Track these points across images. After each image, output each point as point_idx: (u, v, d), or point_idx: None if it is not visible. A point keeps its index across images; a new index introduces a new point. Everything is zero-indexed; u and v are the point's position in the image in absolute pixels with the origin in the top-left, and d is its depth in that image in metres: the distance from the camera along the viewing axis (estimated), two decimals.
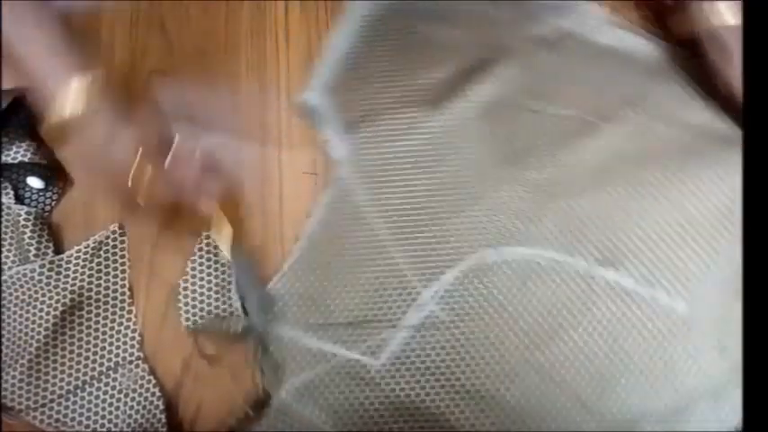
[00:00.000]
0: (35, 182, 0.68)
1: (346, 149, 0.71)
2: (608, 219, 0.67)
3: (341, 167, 0.70)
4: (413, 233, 0.68)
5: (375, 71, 0.74)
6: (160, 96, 0.66)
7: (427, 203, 0.69)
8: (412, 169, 0.70)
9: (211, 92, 0.69)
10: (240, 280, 0.65)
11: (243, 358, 0.64)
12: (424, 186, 0.69)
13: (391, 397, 0.63)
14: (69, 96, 0.58)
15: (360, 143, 0.71)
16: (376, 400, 0.63)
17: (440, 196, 0.69)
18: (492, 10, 0.76)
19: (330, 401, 0.63)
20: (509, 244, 0.67)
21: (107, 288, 0.66)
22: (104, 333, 0.65)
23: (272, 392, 0.63)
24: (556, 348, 0.64)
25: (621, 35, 0.75)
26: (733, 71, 0.68)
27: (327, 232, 0.68)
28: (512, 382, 0.63)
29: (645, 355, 0.63)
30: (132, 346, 0.64)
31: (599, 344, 0.64)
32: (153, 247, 0.67)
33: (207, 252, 0.66)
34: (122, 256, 0.67)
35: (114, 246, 0.67)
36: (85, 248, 0.66)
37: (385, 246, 0.67)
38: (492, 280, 0.66)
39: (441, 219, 0.68)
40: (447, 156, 0.70)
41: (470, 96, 0.72)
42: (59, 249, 0.67)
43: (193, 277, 0.66)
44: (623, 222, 0.67)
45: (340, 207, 0.69)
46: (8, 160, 0.67)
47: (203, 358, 0.64)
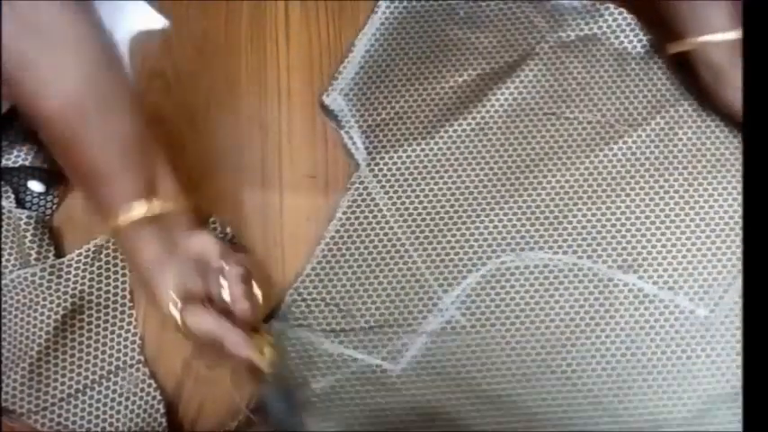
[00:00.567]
0: (36, 185, 0.68)
1: (367, 152, 0.71)
2: (629, 224, 0.67)
3: (361, 170, 0.70)
4: (435, 237, 0.68)
5: (398, 73, 0.74)
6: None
7: (449, 207, 0.69)
8: (433, 173, 0.70)
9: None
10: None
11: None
12: (446, 190, 0.69)
13: (412, 402, 0.64)
14: (126, 216, 0.56)
15: (381, 146, 0.71)
16: (397, 406, 0.64)
17: (461, 200, 0.69)
18: (518, 13, 0.76)
19: (351, 407, 0.64)
20: (530, 248, 0.67)
21: (107, 292, 0.66)
22: (105, 337, 0.65)
23: (287, 396, 0.64)
24: (576, 352, 0.64)
25: (648, 40, 0.74)
26: (727, 92, 0.67)
27: (348, 236, 0.68)
28: (532, 386, 0.63)
29: (665, 359, 0.64)
30: (133, 350, 0.64)
31: (619, 347, 0.64)
32: None
33: None
34: (123, 260, 0.66)
35: (115, 249, 0.67)
36: (86, 252, 0.66)
37: (407, 250, 0.68)
38: (513, 284, 0.66)
39: (463, 223, 0.68)
40: (469, 159, 0.70)
41: (494, 100, 0.72)
42: (60, 253, 0.67)
43: None
44: (644, 227, 0.67)
45: (360, 210, 0.69)
46: (9, 164, 0.67)
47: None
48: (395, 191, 0.70)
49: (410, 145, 0.71)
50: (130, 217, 0.55)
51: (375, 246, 0.68)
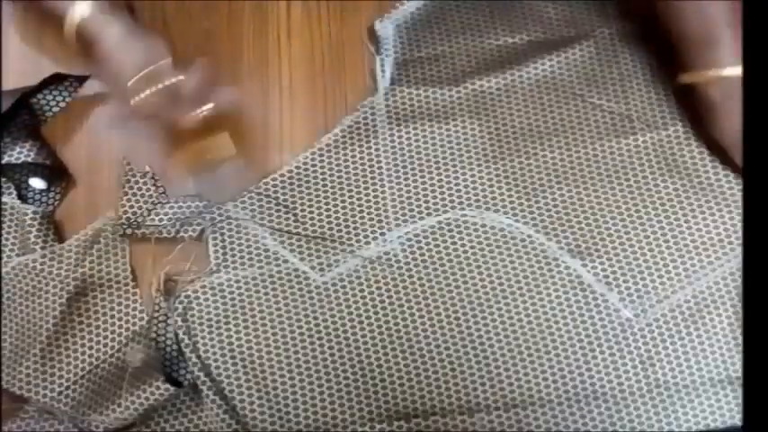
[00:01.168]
0: (37, 182, 0.69)
1: (390, 83, 0.73)
2: (597, 214, 0.68)
3: (377, 97, 0.72)
4: (412, 176, 0.70)
5: (455, 19, 0.76)
6: None
7: (438, 152, 0.71)
8: (441, 118, 0.72)
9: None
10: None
11: None
12: (444, 137, 0.71)
13: (320, 318, 0.66)
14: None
15: (405, 81, 0.73)
16: (307, 313, 0.66)
17: (453, 149, 0.71)
18: None
19: (261, 301, 0.66)
20: (495, 210, 0.69)
21: (109, 273, 0.67)
22: (113, 317, 0.65)
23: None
24: (491, 319, 0.66)
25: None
26: (720, 127, 0.67)
27: (335, 152, 0.71)
28: (436, 338, 0.66)
29: (568, 345, 0.66)
30: (141, 326, 0.65)
31: (533, 326, 0.66)
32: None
33: None
34: (122, 241, 0.67)
35: (114, 232, 0.67)
36: (84, 236, 0.67)
37: (381, 180, 0.70)
38: (462, 238, 0.68)
39: (445, 170, 0.70)
40: (480, 115, 0.72)
41: (531, 68, 0.73)
42: None
43: None
44: (609, 221, 0.68)
45: (357, 133, 0.71)
46: (11, 161, 0.68)
47: None
48: (397, 124, 0.71)
49: (432, 87, 0.73)
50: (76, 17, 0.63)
51: (354, 169, 0.70)
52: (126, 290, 0.66)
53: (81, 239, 0.66)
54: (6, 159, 0.68)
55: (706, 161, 0.70)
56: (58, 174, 0.70)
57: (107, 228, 0.67)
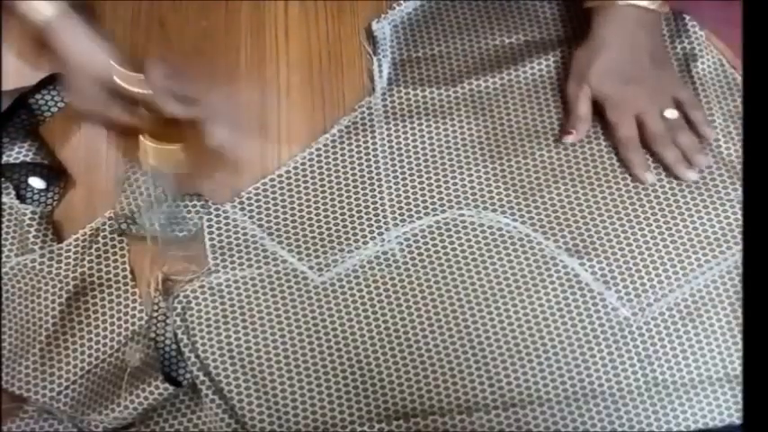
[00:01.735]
0: (36, 182, 0.69)
1: (388, 83, 0.73)
2: (595, 213, 0.69)
3: (374, 97, 0.73)
4: (410, 176, 0.70)
5: (452, 19, 0.77)
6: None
7: (436, 153, 0.71)
8: (439, 118, 0.72)
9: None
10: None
11: None
12: (442, 137, 0.72)
13: (318, 317, 0.66)
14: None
15: (403, 81, 0.74)
16: (306, 312, 0.66)
17: (451, 149, 0.71)
18: None
19: (260, 301, 0.66)
20: (493, 210, 0.69)
21: (108, 272, 0.67)
22: (111, 316, 0.66)
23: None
24: (490, 315, 0.66)
25: (708, 56, 0.74)
26: (578, 50, 0.71)
27: (332, 152, 0.71)
28: (434, 338, 0.66)
29: (567, 344, 0.66)
30: (140, 326, 0.65)
31: (532, 322, 0.66)
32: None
33: None
34: (121, 241, 0.67)
35: (112, 231, 0.67)
36: (83, 236, 0.67)
37: (379, 179, 0.70)
38: (460, 237, 0.68)
39: (443, 170, 0.71)
40: (477, 114, 0.72)
41: (528, 67, 0.74)
42: None
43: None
44: (606, 220, 0.69)
45: (355, 133, 0.72)
46: (9, 160, 0.68)
47: None
48: (395, 124, 0.72)
49: (429, 87, 0.73)
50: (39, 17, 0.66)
51: (352, 169, 0.70)
52: (125, 290, 0.66)
53: (80, 239, 0.67)
54: (5, 159, 0.68)
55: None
56: (57, 174, 0.70)
57: (106, 228, 0.67)
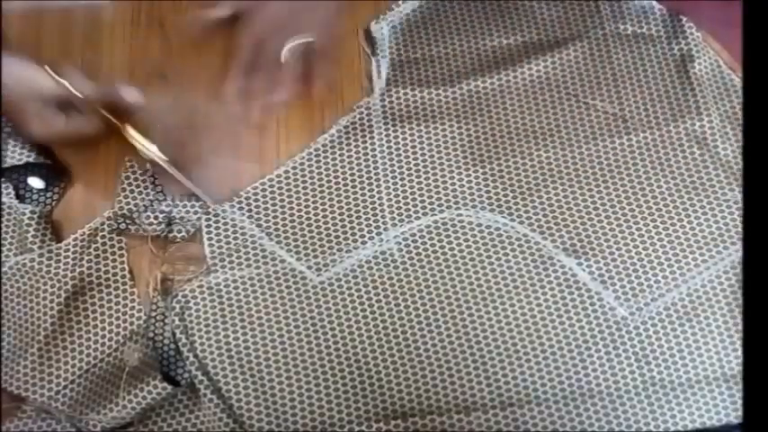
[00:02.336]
0: (36, 182, 0.69)
1: (386, 84, 0.74)
2: (592, 213, 0.69)
3: (372, 97, 0.73)
4: (408, 176, 0.70)
5: (450, 21, 0.77)
6: None
7: (434, 153, 0.71)
8: (437, 119, 0.72)
9: None
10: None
11: None
12: (441, 138, 0.72)
13: (316, 317, 0.66)
14: None
15: (401, 81, 0.74)
16: (304, 312, 0.66)
17: (449, 149, 0.71)
18: None
19: (258, 301, 0.67)
20: (491, 210, 0.69)
21: (107, 272, 0.67)
22: (110, 316, 0.66)
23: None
24: (488, 315, 0.66)
25: (705, 57, 0.74)
26: None
27: (330, 153, 0.71)
28: (432, 338, 0.66)
29: (564, 344, 0.66)
30: (138, 325, 0.65)
31: (530, 322, 0.66)
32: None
33: None
34: (119, 241, 0.68)
35: (111, 231, 0.68)
36: (81, 236, 0.67)
37: (378, 180, 0.70)
38: (458, 237, 0.68)
39: (441, 170, 0.71)
40: (475, 116, 0.73)
41: (525, 68, 0.74)
42: None
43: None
44: (604, 219, 0.69)
45: (353, 133, 0.72)
46: (8, 160, 0.68)
47: None
48: (393, 125, 0.72)
49: (428, 88, 0.73)
50: None
51: (351, 169, 0.71)
52: (123, 289, 0.66)
53: (79, 239, 0.67)
54: (3, 159, 0.68)
55: (698, 161, 0.71)
56: (56, 173, 0.70)
57: (105, 227, 0.67)
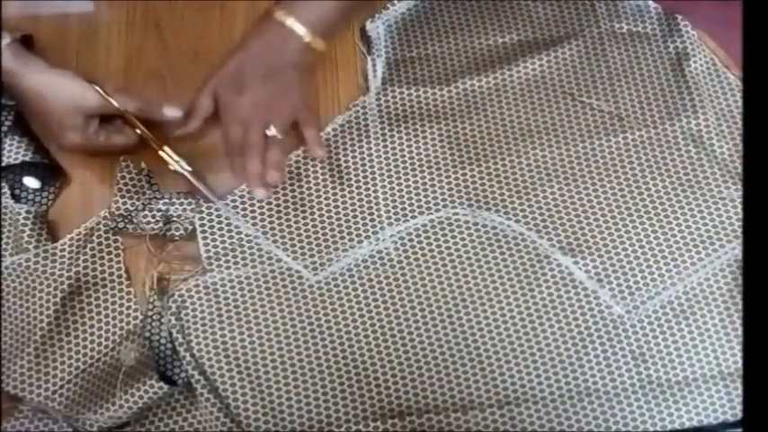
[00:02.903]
0: (31, 182, 0.69)
1: (382, 83, 0.74)
2: (588, 211, 0.69)
3: (368, 96, 0.73)
4: (404, 175, 0.71)
5: (446, 19, 0.77)
6: None
7: (430, 153, 0.71)
8: (433, 118, 0.73)
9: None
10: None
11: None
12: (436, 137, 0.72)
13: (313, 316, 0.66)
14: None
15: (397, 80, 0.74)
16: (301, 311, 0.66)
17: (445, 149, 0.71)
18: None
19: (253, 300, 0.66)
20: (487, 208, 0.69)
21: (103, 272, 0.67)
22: (106, 315, 0.66)
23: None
24: (484, 314, 0.66)
25: (701, 55, 0.75)
26: None
27: (327, 150, 0.71)
28: (428, 336, 0.66)
29: (561, 342, 0.66)
30: (135, 325, 0.65)
31: (527, 321, 0.66)
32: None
33: None
34: (116, 240, 0.68)
35: (107, 231, 0.67)
36: (77, 236, 0.67)
37: (373, 179, 0.70)
38: (455, 236, 0.69)
39: (437, 170, 0.71)
40: (471, 115, 0.73)
41: (521, 67, 0.74)
42: None
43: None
44: (600, 218, 0.69)
45: (349, 132, 0.72)
46: (6, 160, 0.68)
47: None
48: (389, 124, 0.72)
49: (423, 87, 0.73)
50: None
51: (347, 168, 0.71)
52: (120, 289, 0.66)
53: (75, 239, 0.67)
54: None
55: (694, 159, 0.71)
56: (52, 173, 0.70)
57: (101, 227, 0.67)
